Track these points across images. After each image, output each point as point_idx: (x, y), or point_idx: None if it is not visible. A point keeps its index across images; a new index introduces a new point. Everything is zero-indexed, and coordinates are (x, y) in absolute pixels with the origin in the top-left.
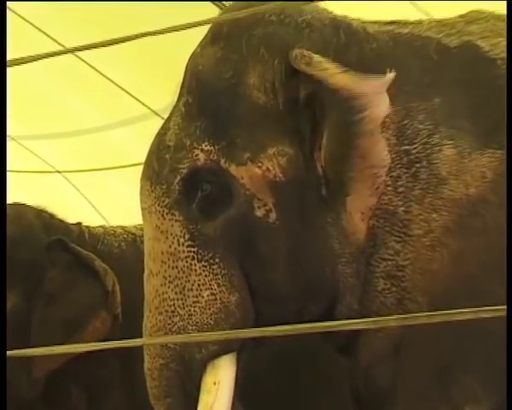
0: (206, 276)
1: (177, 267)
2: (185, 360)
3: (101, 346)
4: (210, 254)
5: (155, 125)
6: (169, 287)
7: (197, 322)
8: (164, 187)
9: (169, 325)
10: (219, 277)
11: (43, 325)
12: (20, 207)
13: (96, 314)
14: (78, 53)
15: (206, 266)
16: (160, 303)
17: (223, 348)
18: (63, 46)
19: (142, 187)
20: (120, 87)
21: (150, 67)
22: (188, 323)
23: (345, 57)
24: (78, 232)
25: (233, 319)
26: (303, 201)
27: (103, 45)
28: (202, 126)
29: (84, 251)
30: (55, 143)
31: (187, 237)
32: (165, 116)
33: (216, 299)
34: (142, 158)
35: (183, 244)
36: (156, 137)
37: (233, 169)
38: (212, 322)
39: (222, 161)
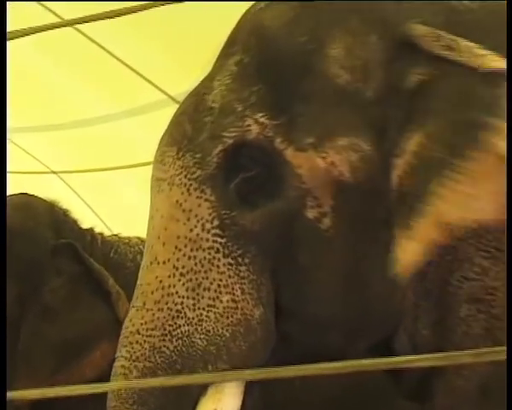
0: (229, 277)
1: (195, 258)
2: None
3: (89, 390)
4: (240, 252)
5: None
6: (180, 280)
7: (208, 331)
8: (198, 156)
9: (170, 326)
10: (245, 282)
11: (35, 341)
12: (30, 197)
13: (98, 344)
14: (79, 26)
15: (232, 265)
16: (162, 297)
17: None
18: (61, 18)
19: (162, 153)
20: (130, 67)
21: (166, 44)
22: (196, 329)
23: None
24: (91, 238)
25: (253, 337)
26: (368, 211)
27: (109, 17)
28: (260, 93)
29: (97, 265)
30: (50, 136)
31: (216, 223)
32: None
33: (237, 308)
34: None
35: (208, 231)
36: (191, 96)
37: (290, 153)
38: (227, 334)
39: (277, 141)
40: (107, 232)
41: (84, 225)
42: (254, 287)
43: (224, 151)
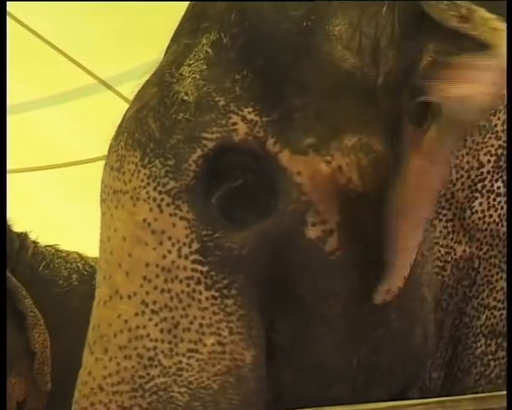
0: (214, 313)
1: (170, 291)
2: None
3: None
4: (225, 282)
5: (106, 101)
6: (151, 319)
7: (191, 382)
8: (170, 163)
9: (141, 378)
10: (233, 319)
11: None
12: None
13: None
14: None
15: (216, 299)
16: (129, 342)
17: None
18: None
19: (120, 157)
20: (58, 49)
21: (96, 21)
22: (174, 381)
23: None
24: (19, 245)
25: (246, 389)
26: (382, 228)
27: None
28: (244, 83)
29: (13, 279)
30: None
31: (195, 246)
32: (121, 89)
33: (225, 352)
34: (92, 151)
35: (186, 257)
36: (151, 85)
37: (285, 157)
38: (215, 386)
39: (270, 142)
40: (44, 242)
41: (18, 228)
42: (244, 324)
43: (203, 157)
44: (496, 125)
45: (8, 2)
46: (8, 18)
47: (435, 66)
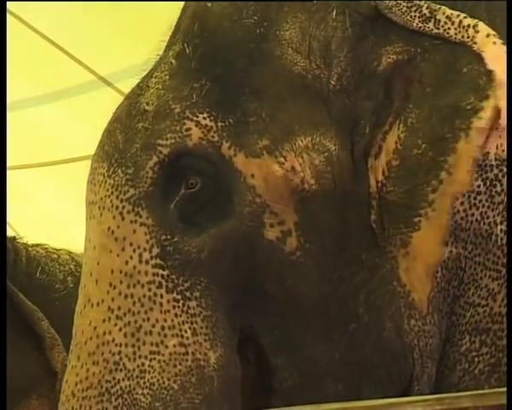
0: (176, 316)
1: (132, 296)
2: None
3: None
4: (187, 284)
5: (105, 98)
6: (116, 325)
7: (153, 384)
8: (130, 171)
9: (108, 382)
10: (197, 320)
11: None
12: None
13: (26, 400)
14: None
15: (178, 301)
16: (97, 348)
17: None
18: None
19: (93, 170)
20: (57, 45)
21: (96, 18)
22: (137, 384)
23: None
24: (14, 254)
25: (208, 388)
26: (342, 226)
27: None
28: (202, 91)
29: (27, 302)
30: None
31: (155, 251)
32: (120, 86)
33: (187, 353)
34: (91, 148)
35: (147, 262)
36: (126, 98)
37: (240, 160)
38: (176, 386)
39: (225, 146)
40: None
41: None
42: (209, 325)
43: (160, 163)
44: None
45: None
46: (7, 15)
47: (396, 66)
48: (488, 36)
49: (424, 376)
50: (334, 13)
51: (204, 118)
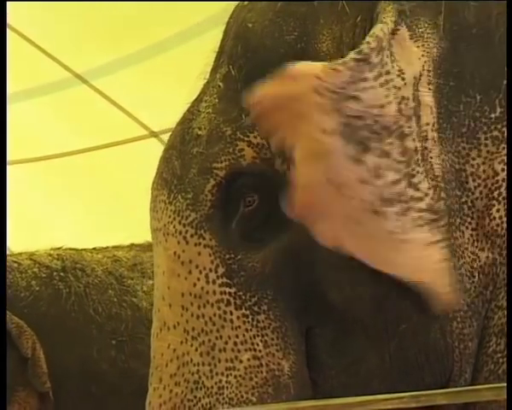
0: (247, 331)
1: (203, 317)
2: None
3: None
4: (254, 299)
5: (81, 96)
6: (192, 345)
7: (231, 399)
8: (189, 196)
9: (190, 401)
10: (267, 332)
11: None
12: None
13: (13, 396)
14: None
15: (247, 317)
16: (178, 369)
17: None
18: None
19: (154, 198)
20: (32, 42)
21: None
22: (217, 400)
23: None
24: None
25: (286, 396)
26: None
27: None
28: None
29: None
30: None
31: (221, 271)
32: (96, 83)
33: (261, 365)
34: (66, 146)
35: (214, 282)
36: (178, 124)
37: (293, 174)
38: (254, 399)
39: (278, 162)
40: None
41: None
42: (279, 336)
43: (217, 186)
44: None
45: None
46: None
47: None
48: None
49: (461, 378)
50: (359, 18)
51: (255, 137)
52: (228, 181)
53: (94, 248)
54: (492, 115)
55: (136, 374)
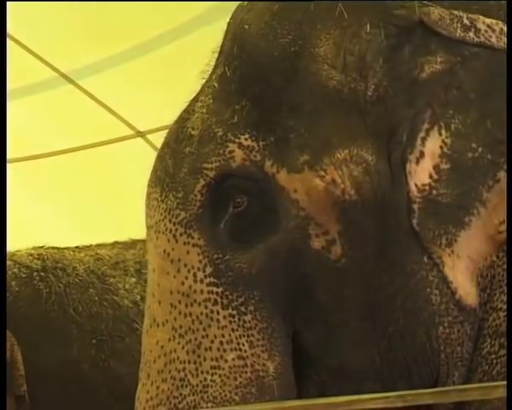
0: (233, 330)
1: (191, 315)
2: None
3: None
4: (241, 299)
5: (67, 95)
6: (179, 343)
7: (215, 397)
8: (180, 195)
9: (175, 398)
10: (253, 333)
11: None
12: None
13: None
14: None
15: (233, 316)
16: (165, 366)
17: None
18: None
19: (148, 195)
20: (18, 42)
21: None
22: (201, 398)
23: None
24: None
25: (269, 397)
26: (382, 232)
27: None
28: (243, 112)
29: None
30: None
31: (208, 270)
32: (82, 83)
33: (246, 365)
34: (52, 145)
35: (201, 281)
36: (175, 123)
37: (283, 177)
38: (237, 398)
39: (267, 164)
40: None
41: None
42: (266, 337)
43: (207, 186)
44: None
45: None
46: None
47: (438, 75)
48: None
49: (448, 381)
50: (368, 26)
51: (245, 139)
52: (217, 182)
53: (76, 247)
54: None
55: (115, 374)
